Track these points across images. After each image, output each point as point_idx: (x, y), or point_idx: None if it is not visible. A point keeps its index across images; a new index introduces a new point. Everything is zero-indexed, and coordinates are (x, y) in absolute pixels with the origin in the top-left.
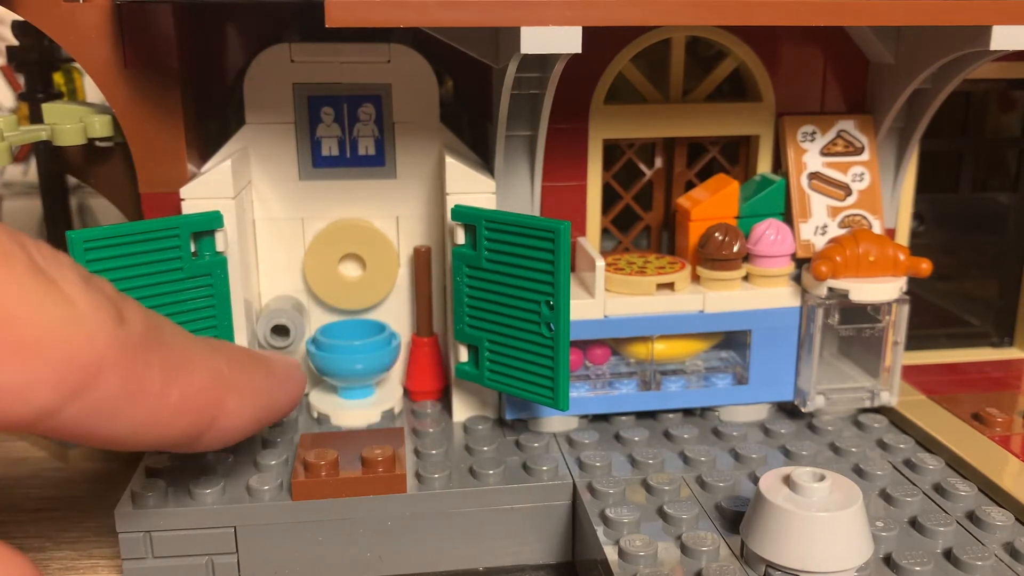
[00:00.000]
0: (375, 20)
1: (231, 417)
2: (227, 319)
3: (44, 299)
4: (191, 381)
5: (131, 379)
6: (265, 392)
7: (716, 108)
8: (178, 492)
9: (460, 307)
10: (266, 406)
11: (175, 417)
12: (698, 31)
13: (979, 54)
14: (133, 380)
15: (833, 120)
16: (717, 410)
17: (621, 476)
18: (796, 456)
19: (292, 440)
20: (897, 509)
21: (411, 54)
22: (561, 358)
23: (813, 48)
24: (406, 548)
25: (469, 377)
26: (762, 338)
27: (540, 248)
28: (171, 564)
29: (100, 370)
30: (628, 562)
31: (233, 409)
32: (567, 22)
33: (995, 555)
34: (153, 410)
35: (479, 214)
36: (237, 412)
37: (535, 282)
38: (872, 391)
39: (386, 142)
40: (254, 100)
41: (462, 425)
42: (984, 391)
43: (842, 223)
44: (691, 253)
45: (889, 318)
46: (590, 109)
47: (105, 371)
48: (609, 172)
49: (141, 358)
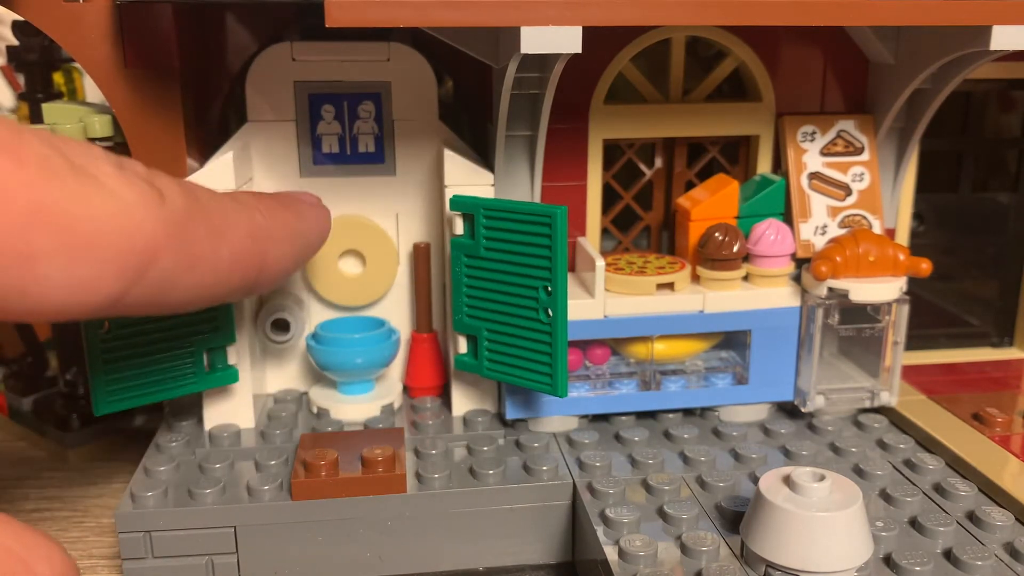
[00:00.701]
0: (375, 20)
1: (275, 263)
2: (228, 310)
3: (92, 196)
4: (235, 239)
5: (184, 252)
6: (299, 234)
7: (716, 108)
8: (178, 492)
9: (459, 297)
10: (302, 246)
11: (228, 275)
12: (698, 31)
13: (979, 54)
14: (185, 252)
15: (833, 120)
16: (717, 410)
17: (621, 476)
18: (796, 456)
19: (292, 440)
20: (897, 509)
21: (410, 53)
22: (559, 344)
23: (813, 48)
24: (406, 548)
25: (468, 368)
26: (762, 338)
27: (537, 234)
28: (171, 564)
29: (155, 251)
30: (628, 562)
31: (275, 256)
32: (567, 22)
33: (995, 555)
34: (208, 273)
35: (477, 203)
36: (279, 258)
37: (532, 268)
38: (872, 391)
39: (386, 139)
40: (256, 98)
41: (462, 424)
42: (984, 391)
43: (842, 223)
44: (691, 253)
45: (889, 318)
46: (590, 109)
47: (160, 251)
48: (609, 172)
49: (189, 230)
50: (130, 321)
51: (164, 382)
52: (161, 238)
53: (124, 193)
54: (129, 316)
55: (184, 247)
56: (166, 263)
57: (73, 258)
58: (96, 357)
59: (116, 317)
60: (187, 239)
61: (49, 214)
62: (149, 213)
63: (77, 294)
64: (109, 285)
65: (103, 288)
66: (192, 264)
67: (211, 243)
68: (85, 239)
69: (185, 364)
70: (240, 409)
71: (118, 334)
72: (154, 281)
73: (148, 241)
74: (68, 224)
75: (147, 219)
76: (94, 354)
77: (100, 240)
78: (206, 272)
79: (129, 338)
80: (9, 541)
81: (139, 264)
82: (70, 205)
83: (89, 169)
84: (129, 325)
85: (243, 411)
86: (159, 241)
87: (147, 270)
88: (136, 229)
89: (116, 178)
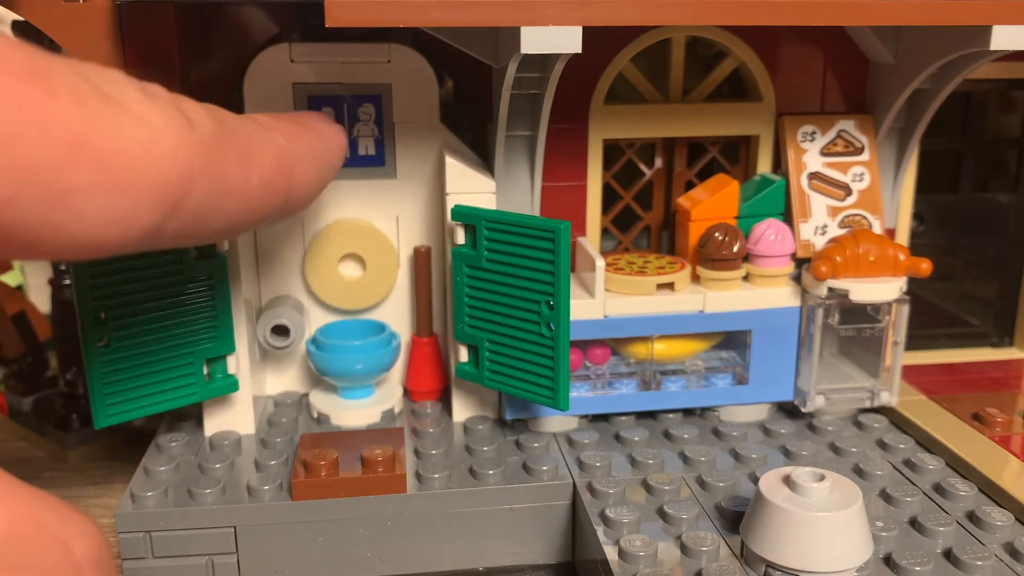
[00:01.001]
0: (375, 20)
1: (302, 184)
2: (227, 319)
3: (123, 127)
4: (263, 162)
5: (217, 178)
6: (320, 153)
7: (716, 108)
8: (178, 492)
9: (460, 307)
10: (325, 165)
11: (259, 199)
12: (698, 31)
13: (979, 54)
14: (219, 179)
15: (833, 120)
16: (717, 410)
17: (621, 476)
18: (796, 456)
19: (292, 440)
20: (897, 509)
21: (411, 54)
22: (561, 358)
23: (813, 48)
24: (406, 548)
25: (469, 377)
26: (762, 338)
27: (540, 248)
28: (171, 564)
29: (191, 179)
30: (628, 562)
31: (301, 177)
32: (567, 22)
33: (995, 555)
34: (241, 199)
35: (479, 214)
36: (305, 178)
37: (535, 282)
38: (872, 391)
39: (386, 142)
40: (254, 100)
41: (462, 425)
42: (984, 391)
43: (842, 223)
44: (691, 253)
45: (889, 318)
46: (590, 109)
47: (195, 179)
48: (609, 172)
49: (220, 155)
50: (129, 333)
51: (164, 393)
52: (195, 166)
53: (155, 120)
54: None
55: (217, 174)
56: (201, 192)
57: (111, 192)
58: (96, 369)
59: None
60: (219, 166)
61: (85, 148)
62: (180, 140)
63: (115, 229)
64: (147, 218)
65: (141, 221)
66: (225, 191)
67: (241, 169)
68: (122, 172)
69: (185, 374)
70: (240, 416)
71: (117, 347)
72: (190, 211)
73: (183, 170)
74: (104, 157)
75: (180, 147)
76: (93, 366)
77: (136, 172)
78: (238, 198)
79: (128, 350)
80: (45, 515)
81: (176, 194)
82: (104, 137)
83: (117, 97)
84: (128, 338)
85: (243, 418)
86: (194, 169)
87: (183, 200)
88: (171, 159)
89: (145, 104)
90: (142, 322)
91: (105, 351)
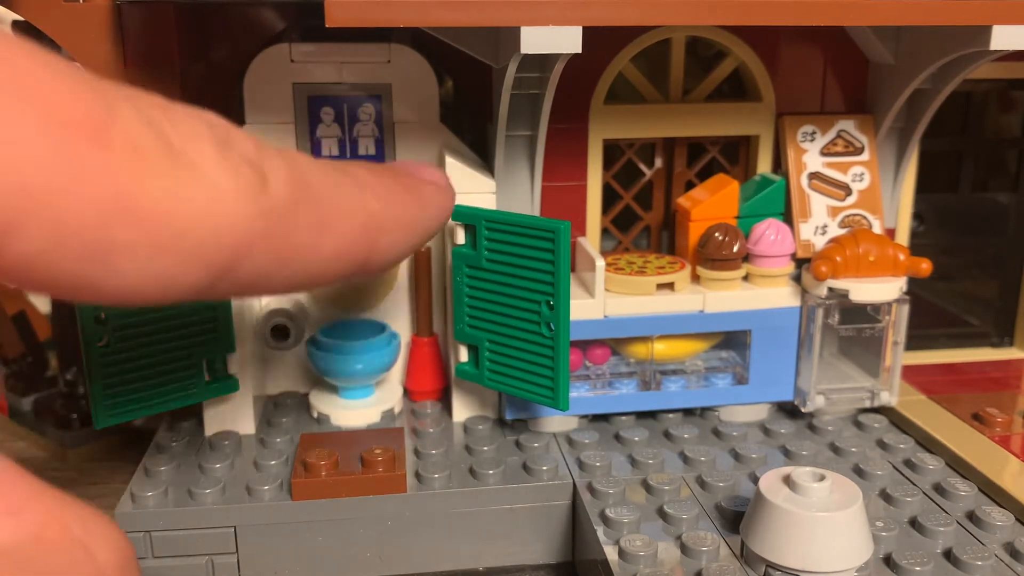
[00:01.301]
0: (375, 20)
1: (384, 254)
2: (227, 319)
3: (181, 187)
4: (344, 231)
5: (281, 246)
6: (415, 221)
7: (716, 108)
8: (178, 492)
9: (460, 307)
10: (418, 233)
11: (328, 266)
12: (698, 31)
13: (979, 54)
14: (283, 246)
15: (833, 120)
16: (717, 410)
17: (621, 476)
18: (796, 456)
19: (292, 440)
20: (897, 509)
21: (411, 54)
22: (561, 358)
23: (813, 48)
24: (406, 548)
25: (469, 377)
26: (762, 338)
27: (540, 248)
28: (171, 564)
29: (249, 245)
30: (628, 562)
31: (385, 247)
32: (567, 22)
33: (995, 555)
34: (306, 265)
35: (479, 214)
36: (389, 249)
37: (535, 282)
38: (872, 391)
39: (386, 142)
40: (254, 100)
41: (462, 425)
42: (984, 391)
43: (842, 223)
44: (691, 253)
45: (889, 318)
46: (590, 109)
47: (254, 244)
48: (609, 172)
49: (289, 222)
50: (129, 334)
51: (164, 393)
52: (257, 231)
53: (222, 181)
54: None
55: (281, 242)
56: (259, 259)
57: (155, 253)
58: (96, 370)
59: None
60: (286, 232)
61: (134, 206)
62: (245, 204)
63: (156, 286)
64: (192, 280)
65: (185, 282)
66: (288, 258)
67: (314, 236)
68: (171, 233)
69: (185, 375)
70: (240, 416)
71: (117, 347)
72: (243, 275)
73: (242, 236)
74: (153, 217)
75: (243, 212)
76: (93, 367)
77: (187, 234)
78: (303, 264)
79: (128, 351)
80: (69, 520)
81: (228, 260)
82: (154, 196)
83: (187, 151)
84: (128, 338)
85: (243, 418)
86: (254, 235)
87: (237, 265)
88: (230, 223)
89: (216, 163)
90: (142, 322)
91: (105, 351)
